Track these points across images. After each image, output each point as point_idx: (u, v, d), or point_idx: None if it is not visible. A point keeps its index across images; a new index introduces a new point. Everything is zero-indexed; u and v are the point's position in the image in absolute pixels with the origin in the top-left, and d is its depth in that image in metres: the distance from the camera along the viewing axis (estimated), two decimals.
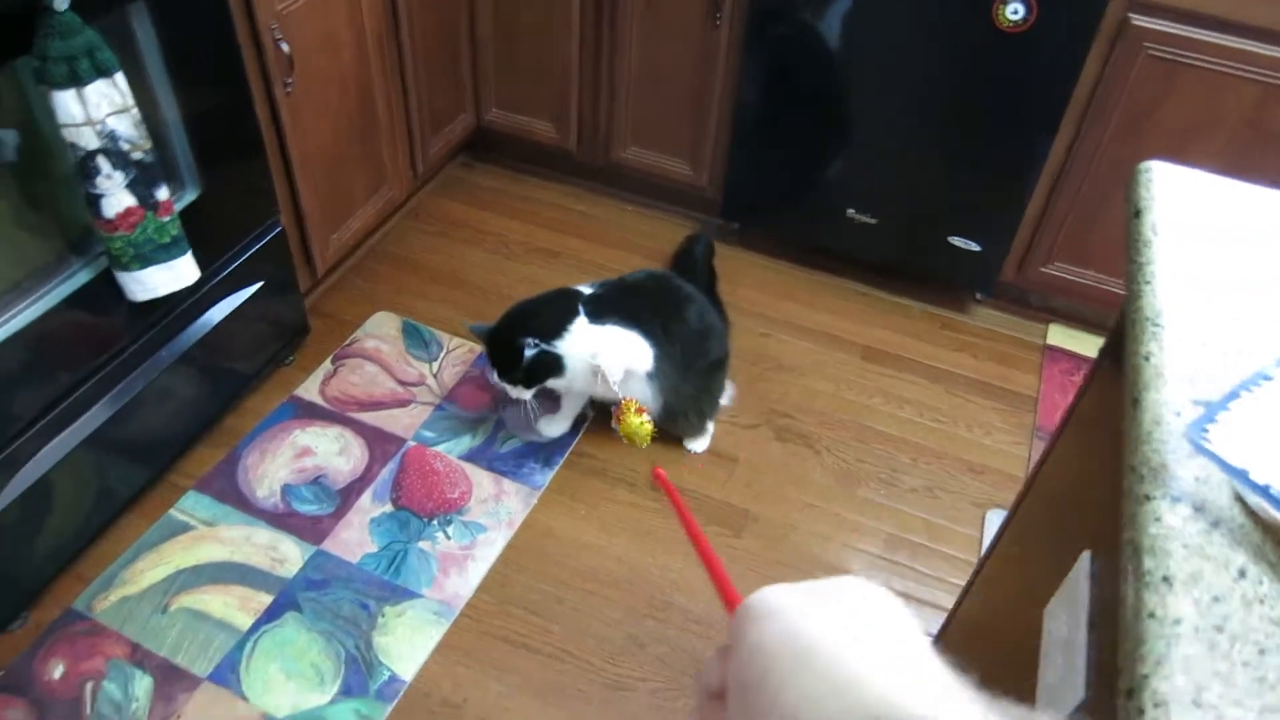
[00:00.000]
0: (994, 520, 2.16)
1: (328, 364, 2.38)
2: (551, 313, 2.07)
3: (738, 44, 2.41)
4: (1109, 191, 2.27)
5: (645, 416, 2.10)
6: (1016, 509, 1.35)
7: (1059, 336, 2.61)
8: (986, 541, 2.11)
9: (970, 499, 2.21)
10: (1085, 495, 1.02)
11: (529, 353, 2.01)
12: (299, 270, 2.28)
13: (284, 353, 2.35)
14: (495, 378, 2.09)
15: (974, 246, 2.46)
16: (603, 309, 2.07)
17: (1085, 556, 0.90)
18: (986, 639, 1.34)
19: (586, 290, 2.13)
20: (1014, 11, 2.09)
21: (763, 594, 0.46)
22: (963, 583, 2.02)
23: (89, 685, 1.74)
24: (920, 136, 2.36)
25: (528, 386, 2.07)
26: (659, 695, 1.81)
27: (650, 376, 2.09)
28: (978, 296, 2.67)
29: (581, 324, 2.05)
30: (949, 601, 1.99)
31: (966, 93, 2.25)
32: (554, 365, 2.05)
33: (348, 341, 2.45)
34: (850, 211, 2.53)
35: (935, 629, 1.90)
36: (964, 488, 2.23)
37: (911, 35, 2.23)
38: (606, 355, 2.04)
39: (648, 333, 2.08)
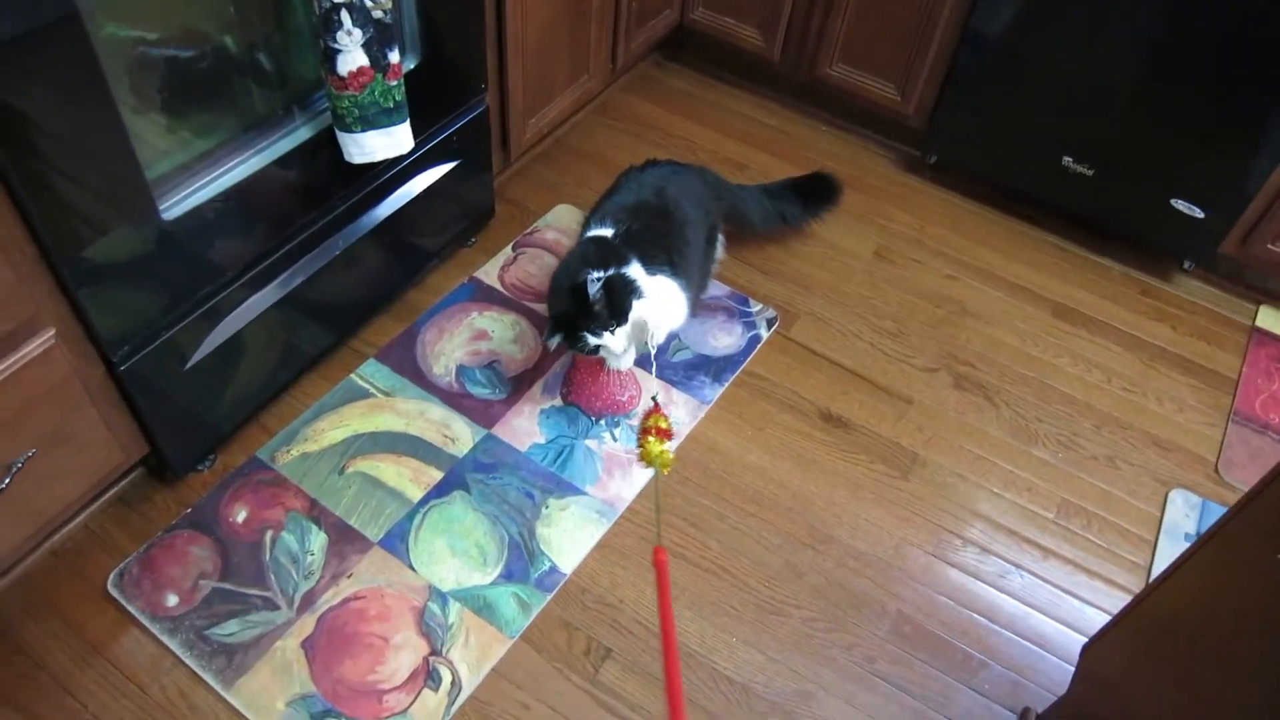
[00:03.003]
0: (1177, 500, 2.05)
1: (508, 250, 2.38)
2: (600, 252, 1.92)
3: None
4: None
5: (669, 444, 1.97)
6: (1247, 503, 1.25)
7: (1270, 320, 2.44)
8: (1167, 520, 2.01)
9: (1153, 475, 2.10)
10: None
11: (594, 287, 1.81)
12: (494, 152, 2.27)
13: (468, 234, 2.35)
14: (591, 343, 1.88)
15: (1198, 212, 2.29)
16: (635, 252, 1.94)
17: None
18: (1187, 627, 1.27)
19: (608, 232, 1.97)
20: None
21: None
22: (1137, 560, 1.95)
23: (269, 533, 1.80)
24: (1159, 87, 2.18)
25: (621, 322, 1.86)
26: (812, 625, 1.79)
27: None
28: (1185, 266, 2.50)
29: (638, 269, 1.92)
30: (1120, 577, 1.92)
31: (1219, 45, 2.06)
32: (630, 287, 1.87)
33: (529, 230, 2.44)
34: (1066, 160, 2.38)
35: (1114, 606, 1.83)
36: (1148, 462, 2.12)
37: None
38: (655, 316, 1.93)
39: (675, 270, 1.97)
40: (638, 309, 1.88)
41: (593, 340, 1.87)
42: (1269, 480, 1.21)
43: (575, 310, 1.85)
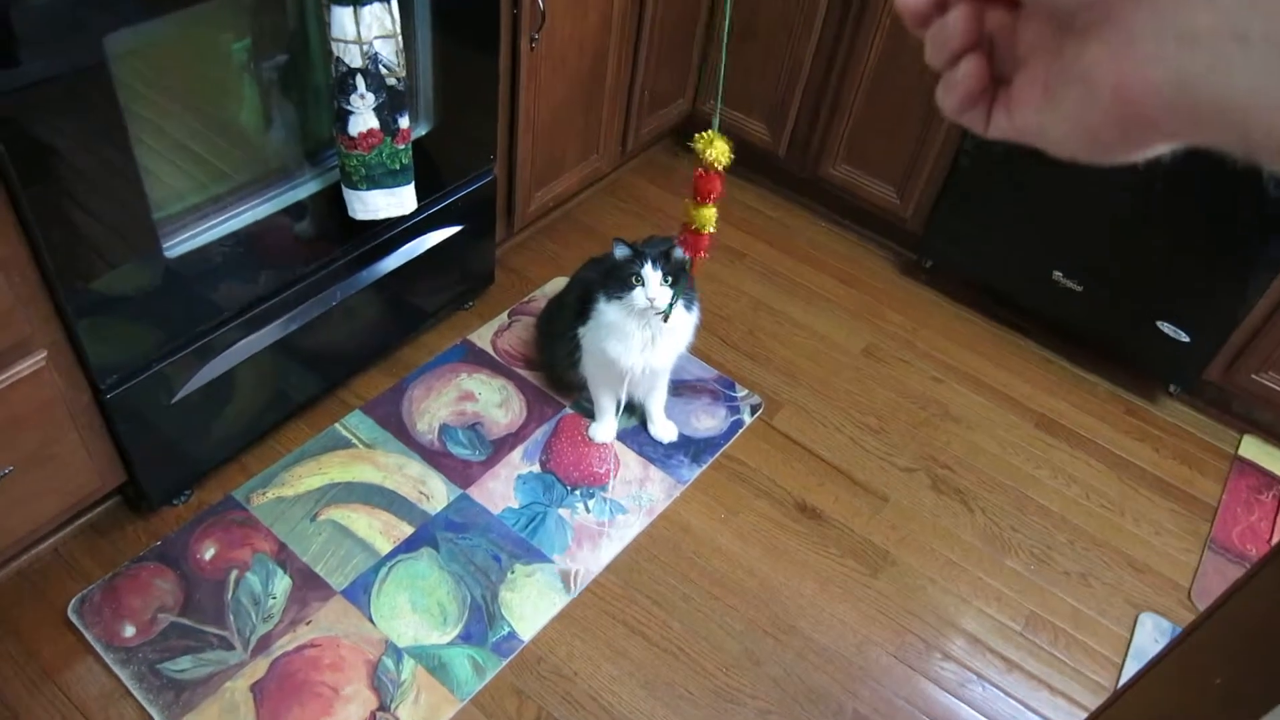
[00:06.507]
0: (1146, 623, 2.04)
1: (504, 316, 2.42)
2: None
3: None
4: None
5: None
6: (1204, 620, 1.26)
7: (1253, 450, 2.45)
8: (1135, 643, 2.00)
9: (1125, 596, 2.09)
10: None
11: (678, 252, 1.92)
12: (498, 221, 2.33)
13: (466, 297, 2.40)
14: (647, 276, 1.91)
15: (1183, 337, 2.32)
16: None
17: None
18: None
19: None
20: None
21: None
22: (1102, 680, 1.93)
23: (234, 573, 1.81)
24: (1151, 210, 2.23)
25: (673, 286, 1.93)
26: (766, 716, 1.78)
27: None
28: (1171, 389, 2.52)
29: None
30: (1084, 697, 1.90)
31: (1211, 172, 2.12)
32: (686, 275, 1.96)
33: (526, 299, 2.49)
34: (1056, 274, 2.43)
35: None
36: (1120, 582, 2.11)
37: None
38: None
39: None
40: (678, 311, 1.96)
41: (650, 274, 1.89)
42: (1215, 607, 1.21)
43: (655, 254, 1.91)
